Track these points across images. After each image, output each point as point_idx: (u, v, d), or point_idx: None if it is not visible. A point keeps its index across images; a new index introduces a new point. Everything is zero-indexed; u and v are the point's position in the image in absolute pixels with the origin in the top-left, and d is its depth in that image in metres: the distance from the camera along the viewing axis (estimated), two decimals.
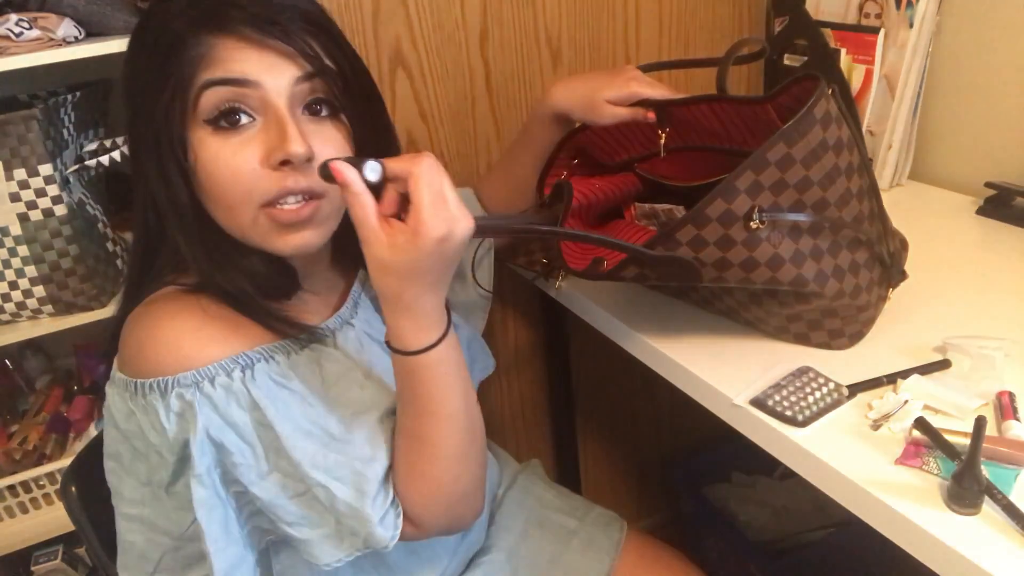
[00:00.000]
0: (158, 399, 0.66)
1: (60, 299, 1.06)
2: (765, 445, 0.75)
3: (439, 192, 0.60)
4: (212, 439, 0.66)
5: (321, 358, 0.73)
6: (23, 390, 1.28)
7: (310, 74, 0.67)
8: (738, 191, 0.71)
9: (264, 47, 0.65)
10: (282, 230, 0.68)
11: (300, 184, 0.66)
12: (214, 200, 0.68)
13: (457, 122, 1.23)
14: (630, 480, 1.71)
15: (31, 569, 1.23)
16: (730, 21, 1.40)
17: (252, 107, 0.66)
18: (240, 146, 0.66)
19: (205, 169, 0.66)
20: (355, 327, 0.80)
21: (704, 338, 0.88)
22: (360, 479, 0.68)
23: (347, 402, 0.71)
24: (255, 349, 0.69)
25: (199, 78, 0.65)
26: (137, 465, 0.71)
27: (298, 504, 0.68)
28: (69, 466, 0.85)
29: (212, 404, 0.66)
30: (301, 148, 0.64)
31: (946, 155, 1.26)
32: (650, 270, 0.77)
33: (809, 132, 0.72)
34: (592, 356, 1.51)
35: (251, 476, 0.67)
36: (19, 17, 0.94)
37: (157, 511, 0.72)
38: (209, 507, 0.67)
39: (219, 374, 0.66)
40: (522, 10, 1.22)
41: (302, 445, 0.67)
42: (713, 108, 0.88)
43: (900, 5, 1.18)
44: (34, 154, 0.99)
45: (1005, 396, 0.71)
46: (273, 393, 0.68)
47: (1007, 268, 0.96)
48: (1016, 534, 0.58)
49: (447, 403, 0.69)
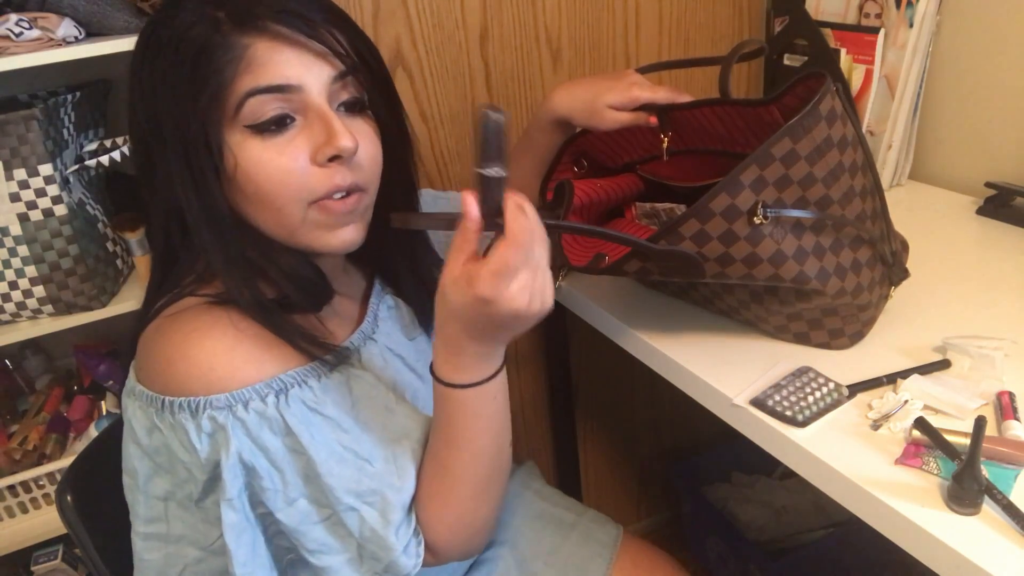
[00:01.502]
0: (188, 419, 0.65)
1: (60, 299, 1.06)
2: (765, 445, 0.75)
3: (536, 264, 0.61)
4: (244, 462, 0.65)
5: (350, 380, 0.73)
6: (23, 390, 1.28)
7: (344, 72, 0.67)
8: (742, 186, 0.71)
9: (299, 46, 0.65)
10: (332, 225, 0.69)
11: (348, 179, 0.67)
12: (259, 202, 0.67)
13: (457, 122, 1.23)
14: (630, 480, 1.71)
15: (31, 569, 1.22)
16: (730, 21, 1.40)
17: (296, 109, 0.66)
18: (284, 146, 0.65)
19: (248, 173, 0.65)
20: (377, 342, 0.80)
21: (704, 338, 0.88)
22: (387, 506, 0.67)
23: (377, 426, 0.71)
24: (288, 372, 0.68)
25: (240, 85, 0.63)
26: (156, 481, 0.70)
27: (322, 530, 0.68)
28: (64, 475, 0.84)
29: (245, 428, 0.65)
30: (351, 143, 0.65)
31: (946, 155, 1.26)
32: (653, 264, 0.77)
33: (814, 128, 0.72)
34: (592, 356, 1.51)
35: (278, 502, 0.66)
36: (19, 17, 0.94)
37: (181, 523, 0.71)
38: (239, 531, 0.66)
39: (253, 398, 0.65)
40: (522, 10, 1.22)
41: (337, 471, 0.66)
42: (716, 112, 0.88)
43: (900, 5, 1.18)
44: (34, 154, 0.99)
45: (1005, 396, 0.71)
46: (307, 419, 0.67)
47: (1007, 268, 0.96)
48: (1016, 534, 0.58)
49: (477, 439, 0.69)
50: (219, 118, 0.64)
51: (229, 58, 0.63)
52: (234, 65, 0.63)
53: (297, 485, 0.67)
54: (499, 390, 0.70)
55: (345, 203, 0.68)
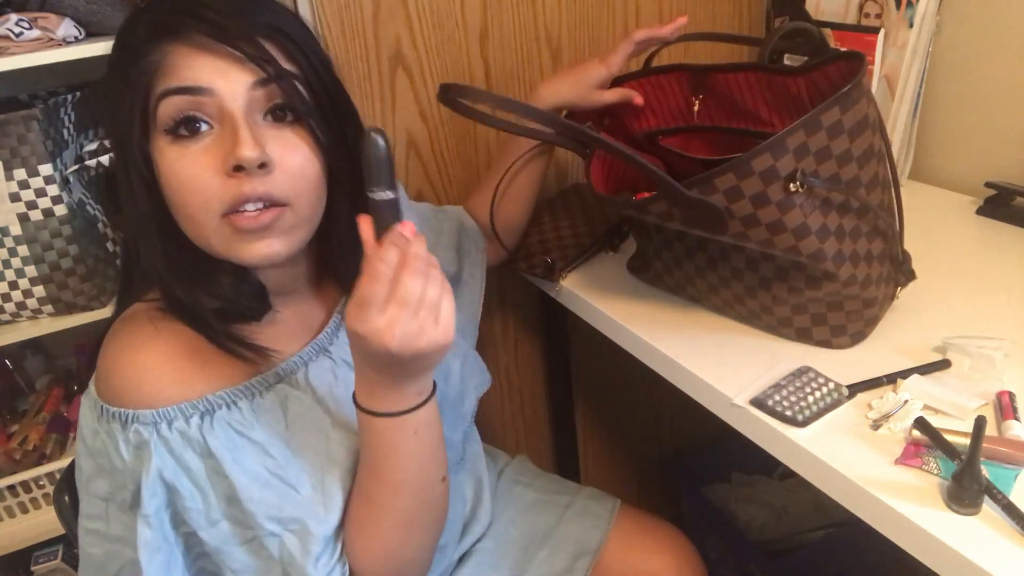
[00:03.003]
0: (119, 430, 0.66)
1: (60, 299, 1.06)
2: (765, 445, 0.75)
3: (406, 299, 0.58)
4: (165, 481, 0.66)
5: (287, 400, 0.71)
6: (23, 390, 1.28)
7: (265, 79, 0.65)
8: (787, 150, 0.71)
9: (216, 53, 0.64)
10: (244, 238, 0.66)
11: (257, 190, 0.64)
12: (177, 210, 0.66)
13: (457, 122, 1.23)
14: (630, 480, 1.71)
15: (31, 569, 1.23)
16: (730, 21, 1.40)
17: (209, 115, 0.65)
18: (198, 154, 0.64)
19: (166, 179, 0.65)
20: (332, 355, 0.77)
21: (704, 338, 0.88)
22: (308, 537, 0.67)
23: (309, 451, 0.70)
24: (218, 393, 0.67)
25: (156, 87, 0.64)
26: (97, 481, 0.70)
27: (245, 551, 0.67)
28: (63, 475, 0.84)
29: (168, 446, 0.65)
30: (253, 152, 0.62)
31: (946, 155, 1.26)
32: (678, 211, 0.76)
33: (859, 102, 0.72)
34: (592, 356, 1.51)
35: (201, 521, 0.66)
36: (19, 17, 0.94)
37: (120, 524, 0.70)
38: (153, 549, 0.66)
39: (177, 418, 0.65)
40: (522, 10, 1.22)
41: (258, 496, 0.66)
42: (748, 78, 0.89)
43: (900, 5, 1.18)
44: (34, 154, 0.99)
45: (1005, 396, 0.71)
46: (232, 442, 0.67)
47: (1007, 268, 0.96)
48: (1016, 534, 0.58)
49: (396, 471, 0.67)
50: (144, 125, 0.65)
51: (149, 62, 0.64)
52: (151, 70, 0.64)
53: (218, 507, 0.67)
54: (420, 426, 0.66)
55: (257, 218, 0.65)
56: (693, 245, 0.89)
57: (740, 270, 0.84)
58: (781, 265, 0.81)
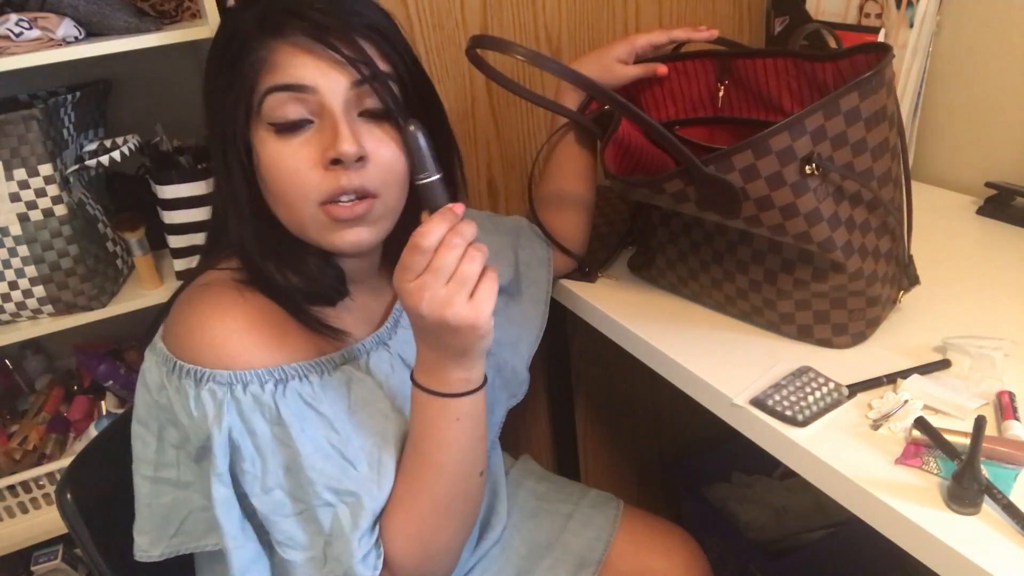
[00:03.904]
0: (192, 386, 0.68)
1: (60, 299, 1.06)
2: (765, 445, 0.75)
3: (441, 270, 0.62)
4: (233, 441, 0.68)
5: (351, 382, 0.74)
6: (23, 390, 1.28)
7: (359, 80, 0.69)
8: (804, 130, 0.71)
9: (315, 54, 0.68)
10: (338, 226, 0.71)
11: (353, 182, 0.69)
12: (275, 197, 0.71)
13: (457, 122, 1.23)
14: (630, 480, 1.71)
15: (31, 569, 1.23)
16: (730, 21, 1.40)
17: (311, 110, 0.69)
18: (299, 147, 0.69)
19: (267, 168, 0.70)
20: (390, 349, 0.81)
21: (704, 338, 0.88)
22: (360, 510, 0.69)
23: (369, 431, 0.72)
24: (292, 364, 0.70)
25: (262, 83, 0.69)
26: (170, 430, 0.73)
27: (293, 523, 0.69)
28: (65, 473, 0.84)
29: (239, 408, 0.67)
30: (352, 148, 0.67)
31: (946, 155, 1.26)
32: (693, 189, 0.77)
33: (878, 91, 0.72)
34: (592, 355, 1.51)
35: (255, 487, 0.68)
36: (19, 17, 0.94)
37: (191, 472, 0.73)
38: (228, 506, 0.68)
39: (252, 382, 0.68)
40: (522, 10, 1.22)
41: (320, 466, 0.68)
42: (776, 64, 0.90)
43: (900, 5, 1.18)
44: (34, 154, 0.99)
45: (1005, 396, 0.71)
46: (301, 412, 0.69)
47: (1007, 268, 0.96)
48: (1016, 534, 0.58)
49: (440, 452, 0.70)
50: (246, 116, 0.70)
51: (254, 60, 0.69)
52: (258, 66, 0.69)
53: (276, 475, 0.68)
54: (463, 414, 0.70)
55: (352, 208, 0.70)
56: (699, 238, 0.89)
57: (746, 263, 0.85)
58: (788, 257, 0.81)
